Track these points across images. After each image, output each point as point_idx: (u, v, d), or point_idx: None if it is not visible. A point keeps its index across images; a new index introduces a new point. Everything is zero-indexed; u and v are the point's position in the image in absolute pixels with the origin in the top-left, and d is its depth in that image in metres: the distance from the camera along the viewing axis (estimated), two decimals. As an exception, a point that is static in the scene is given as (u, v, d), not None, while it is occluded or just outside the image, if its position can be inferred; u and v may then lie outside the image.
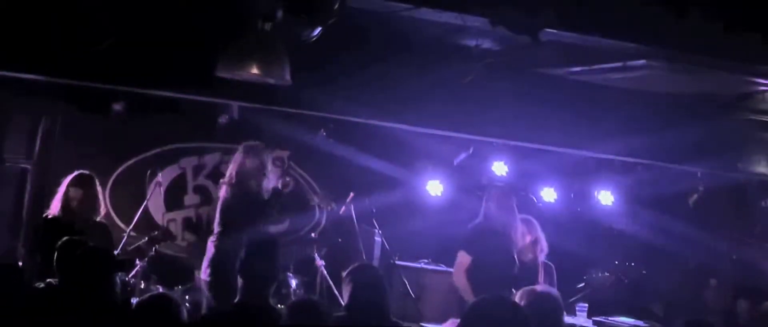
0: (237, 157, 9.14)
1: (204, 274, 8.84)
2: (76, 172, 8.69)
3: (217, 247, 8.82)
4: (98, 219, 8.67)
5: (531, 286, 7.12)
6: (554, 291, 6.77)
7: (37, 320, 6.12)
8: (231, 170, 9.13)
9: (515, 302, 5.21)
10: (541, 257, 9.55)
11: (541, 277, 9.53)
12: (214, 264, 8.73)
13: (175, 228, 11.27)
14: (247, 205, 8.90)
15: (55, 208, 8.55)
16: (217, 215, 9.03)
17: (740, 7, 7.24)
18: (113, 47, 7.28)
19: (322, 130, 10.94)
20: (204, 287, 8.87)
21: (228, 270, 7.64)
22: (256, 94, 8.58)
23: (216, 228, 8.97)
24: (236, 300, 6.31)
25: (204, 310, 8.96)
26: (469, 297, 8.89)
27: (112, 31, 7.19)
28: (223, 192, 9.08)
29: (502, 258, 9.09)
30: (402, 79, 8.76)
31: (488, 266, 8.98)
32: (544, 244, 9.55)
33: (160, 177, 10.57)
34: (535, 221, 9.64)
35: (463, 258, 9.11)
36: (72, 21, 7.16)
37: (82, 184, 8.58)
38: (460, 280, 9.06)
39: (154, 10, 7.36)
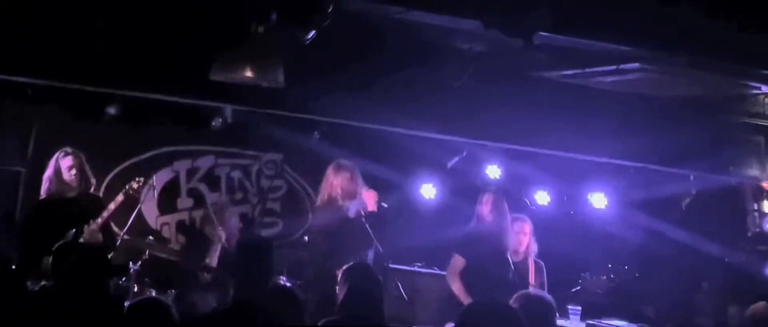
0: (329, 175, 8.89)
1: None
2: (62, 152, 8.79)
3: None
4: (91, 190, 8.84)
5: (524, 290, 7.15)
6: (547, 294, 6.79)
7: (31, 323, 6.12)
8: (324, 191, 8.86)
9: (510, 305, 5.22)
10: (532, 256, 9.59)
11: (532, 275, 9.55)
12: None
13: (169, 231, 11.26)
14: (343, 228, 8.70)
15: (46, 186, 8.69)
16: (321, 242, 8.68)
17: (734, 10, 7.26)
18: (107, 50, 7.28)
19: (316, 132, 10.94)
20: None
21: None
22: (249, 97, 8.58)
23: (317, 258, 8.63)
24: (232, 301, 6.31)
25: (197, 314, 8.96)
26: (464, 298, 8.92)
27: (106, 34, 7.19)
28: (319, 216, 8.84)
29: (496, 262, 9.11)
30: (395, 82, 8.78)
31: (482, 270, 9.00)
32: (533, 245, 9.59)
33: (153, 180, 10.57)
34: (528, 220, 9.66)
35: (457, 260, 9.14)
36: (66, 24, 7.17)
37: (74, 155, 8.71)
38: (454, 282, 9.09)
39: (149, 13, 7.36)
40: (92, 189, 9.03)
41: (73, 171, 8.71)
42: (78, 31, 7.19)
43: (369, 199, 8.93)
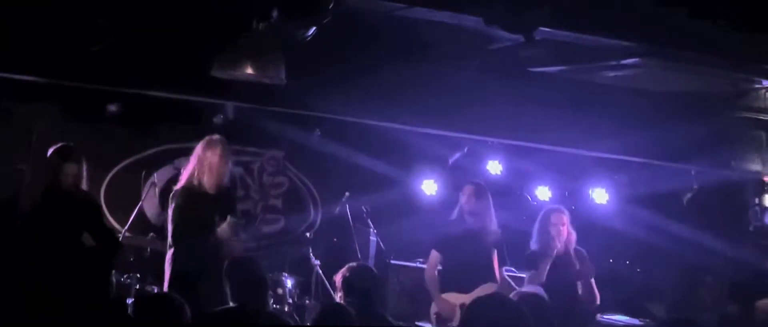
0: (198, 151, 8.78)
1: None
2: (59, 145, 8.72)
3: None
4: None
5: (519, 289, 7.14)
6: (541, 291, 6.78)
7: (37, 319, 6.14)
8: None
9: (514, 302, 5.22)
10: (572, 246, 9.40)
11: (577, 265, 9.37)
12: None
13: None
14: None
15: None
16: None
17: (736, 4, 7.26)
18: (109, 48, 7.28)
19: (317, 129, 10.96)
20: None
21: None
22: (251, 94, 8.58)
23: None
24: (232, 304, 6.31)
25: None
26: (436, 297, 8.91)
27: (107, 31, 7.19)
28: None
29: (477, 257, 9.08)
30: (397, 79, 8.78)
31: (461, 266, 8.98)
32: (572, 234, 9.36)
33: (155, 177, 10.58)
34: (565, 211, 9.48)
35: (433, 256, 9.11)
36: (67, 22, 7.17)
37: (74, 157, 8.67)
38: (429, 279, 9.05)
39: (149, 10, 7.36)
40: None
41: (70, 178, 8.66)
42: (79, 29, 7.19)
43: None
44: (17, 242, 8.90)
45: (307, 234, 11.32)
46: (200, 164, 8.58)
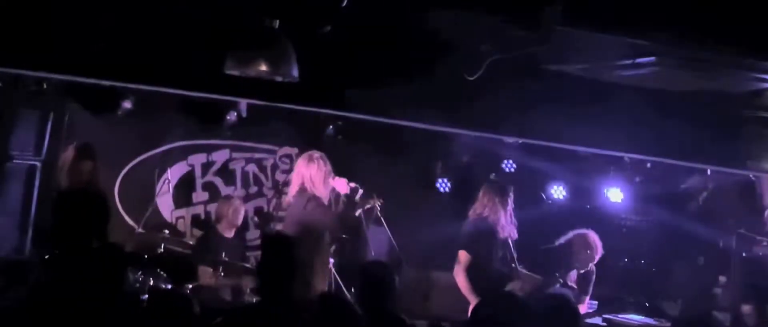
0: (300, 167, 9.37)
1: None
2: (76, 144, 8.78)
3: None
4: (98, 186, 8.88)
5: (551, 289, 7.15)
6: (569, 292, 6.79)
7: (48, 316, 6.14)
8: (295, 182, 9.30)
9: (522, 299, 5.22)
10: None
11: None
12: None
13: (184, 225, 11.28)
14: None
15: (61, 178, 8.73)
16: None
17: (752, 3, 7.22)
18: (122, 45, 7.28)
19: (331, 127, 10.95)
20: None
21: None
22: (264, 91, 8.57)
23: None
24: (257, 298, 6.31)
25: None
26: (469, 295, 8.92)
27: (119, 27, 7.19)
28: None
29: (499, 254, 9.10)
30: (410, 77, 8.75)
31: (487, 263, 8.98)
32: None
33: (168, 174, 10.60)
34: (598, 250, 9.57)
35: (463, 256, 9.12)
36: (79, 17, 7.17)
37: (91, 155, 8.72)
38: (460, 278, 9.06)
39: (162, 6, 7.35)
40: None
41: (85, 176, 8.72)
42: (92, 25, 7.18)
43: (339, 185, 9.14)
44: (31, 239, 8.95)
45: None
46: (303, 180, 8.90)
